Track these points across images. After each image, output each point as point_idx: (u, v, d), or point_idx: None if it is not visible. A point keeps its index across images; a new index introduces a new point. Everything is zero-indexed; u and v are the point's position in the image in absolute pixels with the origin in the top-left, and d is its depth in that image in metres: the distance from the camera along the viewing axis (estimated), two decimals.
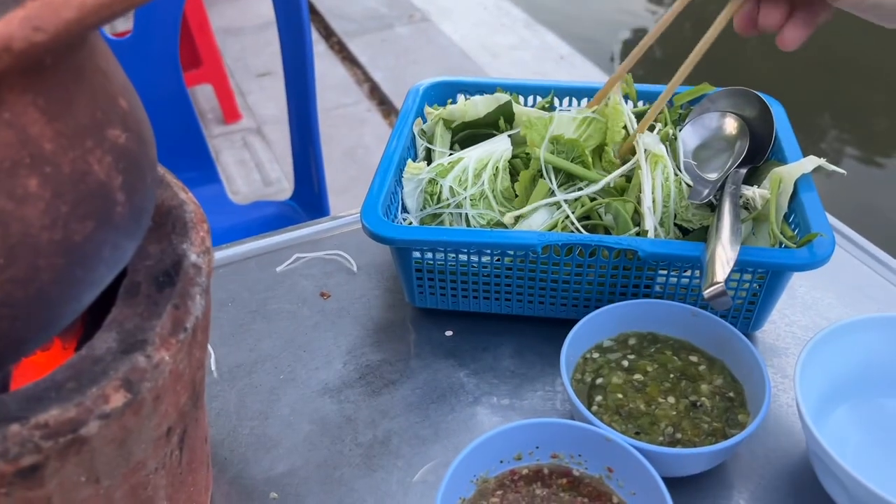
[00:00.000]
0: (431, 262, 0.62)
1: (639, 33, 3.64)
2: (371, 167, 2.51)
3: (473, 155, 0.68)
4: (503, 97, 0.73)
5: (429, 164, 0.68)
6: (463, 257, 0.61)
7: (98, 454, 0.35)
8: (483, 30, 3.28)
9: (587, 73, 2.93)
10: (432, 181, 0.66)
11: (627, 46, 3.49)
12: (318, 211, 1.34)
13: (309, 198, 1.36)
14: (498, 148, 0.68)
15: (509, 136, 0.70)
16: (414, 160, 0.71)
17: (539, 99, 0.77)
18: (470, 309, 0.66)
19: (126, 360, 0.36)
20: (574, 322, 0.57)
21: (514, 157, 0.69)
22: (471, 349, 0.64)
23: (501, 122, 0.72)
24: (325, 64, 3.01)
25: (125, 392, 0.35)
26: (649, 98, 0.74)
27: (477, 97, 0.74)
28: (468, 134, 0.73)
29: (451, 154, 0.70)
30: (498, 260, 0.60)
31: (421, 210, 0.66)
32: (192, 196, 0.45)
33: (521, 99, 0.76)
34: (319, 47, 3.14)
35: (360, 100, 2.79)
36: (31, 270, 0.30)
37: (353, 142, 2.54)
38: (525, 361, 0.63)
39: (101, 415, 0.34)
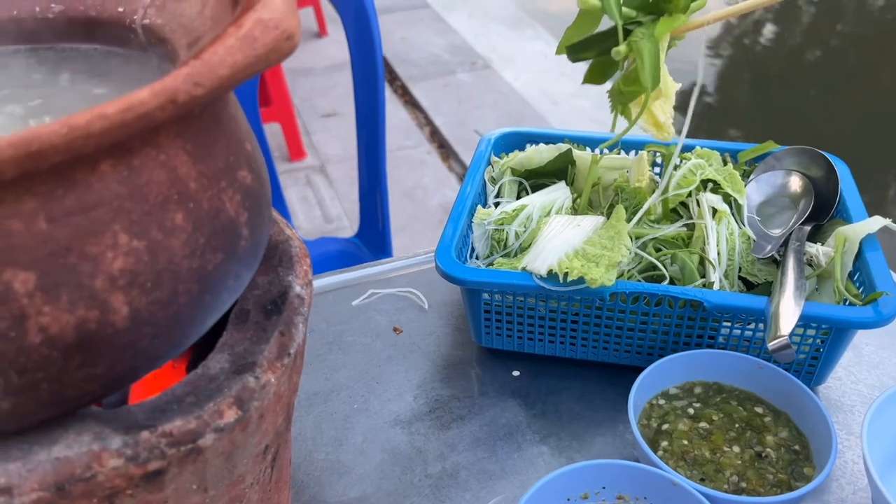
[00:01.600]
0: (500, 305, 0.65)
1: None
2: (429, 208, 2.57)
3: (537, 202, 0.71)
4: (564, 146, 0.76)
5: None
6: (531, 301, 0.64)
7: (209, 465, 0.38)
8: (543, 78, 3.34)
9: None
10: (499, 227, 0.69)
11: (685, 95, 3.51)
12: (382, 249, 1.39)
13: (373, 236, 1.41)
14: (559, 196, 0.72)
15: (569, 184, 0.74)
16: (484, 206, 0.74)
17: (605, 151, 0.80)
18: (535, 351, 0.68)
19: (238, 379, 0.39)
20: (639, 369, 0.59)
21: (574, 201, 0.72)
22: (536, 390, 0.66)
23: (570, 171, 0.75)
24: (388, 107, 3.10)
25: (237, 409, 0.39)
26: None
27: (542, 146, 0.78)
28: (533, 182, 0.76)
29: (517, 200, 0.73)
30: (565, 305, 0.63)
31: (488, 255, 0.69)
32: (295, 232, 0.49)
33: (588, 150, 0.79)
34: None
35: (420, 142, 2.86)
36: (172, 294, 0.34)
37: (412, 182, 2.60)
38: (590, 405, 0.65)
39: (216, 428, 0.38)
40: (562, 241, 0.62)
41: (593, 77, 0.69)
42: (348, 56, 1.33)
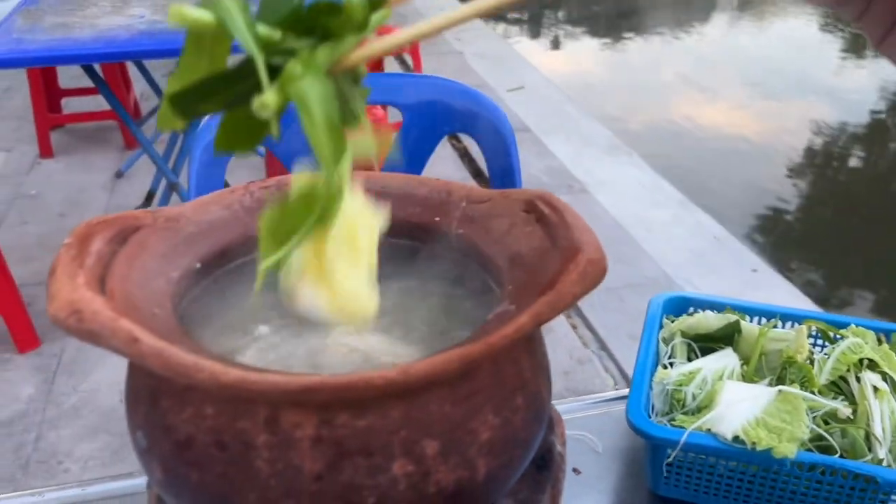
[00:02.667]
0: (682, 460, 0.73)
1: (781, 213, 3.72)
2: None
3: (710, 366, 0.80)
4: (732, 317, 0.86)
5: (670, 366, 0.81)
6: (711, 459, 0.72)
7: None
8: (638, 204, 3.47)
9: (742, 257, 3.01)
10: (678, 388, 0.79)
11: (773, 225, 3.57)
12: None
13: None
14: (729, 362, 0.81)
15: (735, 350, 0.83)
16: (655, 364, 0.84)
17: (763, 321, 0.89)
18: None
19: None
20: None
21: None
22: None
23: (735, 338, 0.84)
24: None
25: None
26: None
27: (709, 313, 0.88)
28: (701, 346, 0.86)
29: (689, 362, 0.83)
30: (744, 466, 0.71)
31: (667, 412, 0.79)
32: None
33: (747, 318, 0.89)
34: None
35: None
36: (510, 459, 0.45)
37: None
38: None
39: None
40: (742, 408, 0.71)
41: (230, 143, 0.40)
42: None
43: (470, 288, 0.54)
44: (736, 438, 0.69)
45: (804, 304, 2.61)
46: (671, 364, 0.84)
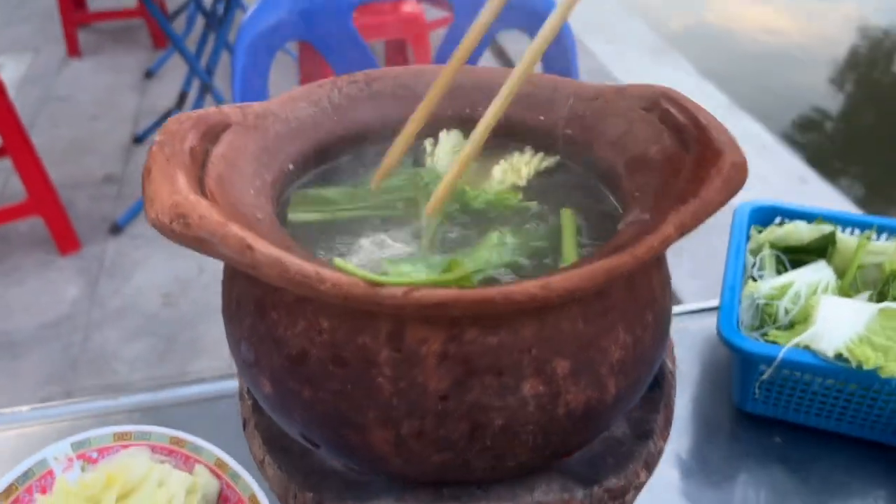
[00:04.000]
0: (774, 377, 0.70)
1: (826, 118, 3.59)
2: None
3: (803, 280, 0.76)
4: (826, 227, 0.81)
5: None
6: (807, 376, 0.69)
7: None
8: None
9: (790, 166, 2.91)
10: (769, 302, 0.75)
11: (818, 130, 3.45)
12: None
13: None
14: (824, 276, 0.77)
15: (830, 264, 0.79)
16: (743, 276, 0.80)
17: (858, 232, 0.84)
18: (800, 421, 0.73)
19: (643, 445, 0.47)
20: None
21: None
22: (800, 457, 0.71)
23: (829, 250, 0.80)
24: None
25: (646, 471, 0.46)
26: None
27: (800, 223, 0.83)
28: (792, 258, 0.81)
29: (780, 276, 0.79)
30: (842, 384, 0.68)
31: (758, 326, 0.75)
32: None
33: (839, 228, 0.84)
34: None
35: None
36: (639, 377, 0.42)
37: None
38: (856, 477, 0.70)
39: (636, 486, 0.45)
40: (843, 325, 0.67)
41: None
42: None
43: (582, 194, 0.49)
44: (839, 356, 0.65)
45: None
46: (760, 277, 0.80)
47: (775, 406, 0.73)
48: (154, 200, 0.37)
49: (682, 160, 0.43)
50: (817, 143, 3.47)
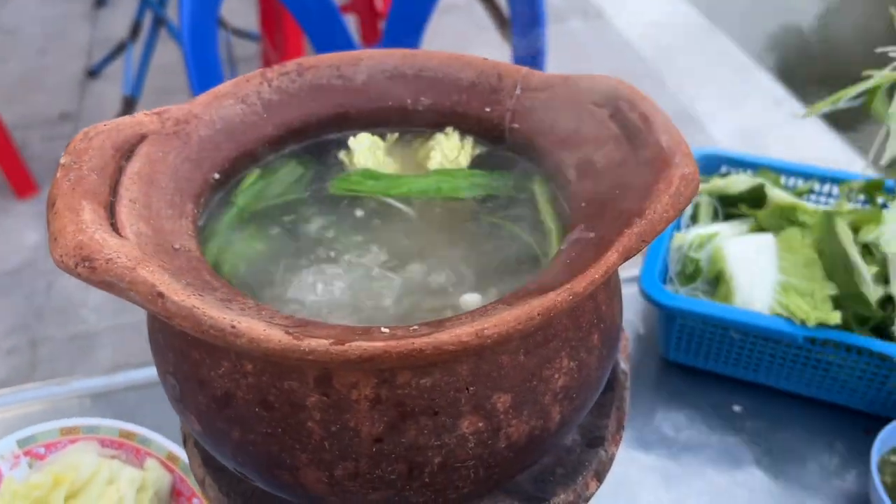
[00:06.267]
0: (693, 327, 0.71)
1: (796, 31, 3.53)
2: None
3: (727, 231, 0.76)
4: (759, 180, 0.80)
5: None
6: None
7: None
8: (659, 31, 3.26)
9: (765, 88, 2.87)
10: (692, 255, 0.74)
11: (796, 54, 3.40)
12: None
13: None
14: (745, 228, 0.77)
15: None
16: (678, 229, 0.79)
17: (800, 182, 0.83)
18: (726, 373, 0.75)
19: (593, 453, 0.46)
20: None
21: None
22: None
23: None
24: (492, 53, 3.08)
25: (596, 481, 0.45)
26: None
27: (741, 175, 0.82)
28: (729, 210, 0.81)
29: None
30: (765, 340, 0.69)
31: (690, 276, 0.74)
32: None
33: (784, 179, 0.83)
34: (492, 35, 3.21)
35: None
36: (585, 400, 0.41)
37: None
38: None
39: (585, 498, 0.45)
40: (759, 276, 0.68)
41: None
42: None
43: (528, 199, 0.46)
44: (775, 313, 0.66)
45: (828, 138, 2.52)
46: (689, 227, 0.80)
47: (695, 356, 0.74)
48: (58, 239, 0.34)
49: (630, 167, 0.41)
50: (796, 63, 3.42)
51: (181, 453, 0.63)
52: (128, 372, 0.75)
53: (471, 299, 0.40)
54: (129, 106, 2.38)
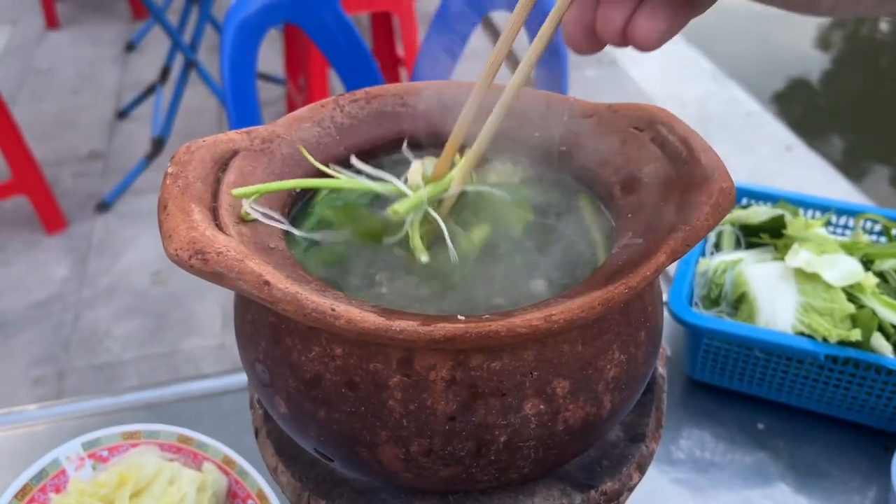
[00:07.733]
0: (719, 347, 0.75)
1: (805, 82, 3.61)
2: None
3: (751, 258, 0.80)
4: (779, 211, 0.85)
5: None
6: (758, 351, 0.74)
7: None
8: (671, 78, 3.34)
9: (774, 131, 2.94)
10: (717, 280, 0.78)
11: (808, 99, 3.48)
12: None
13: None
14: (768, 256, 0.81)
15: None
16: (703, 255, 0.84)
17: (818, 214, 0.88)
18: (751, 392, 0.78)
19: (635, 448, 0.50)
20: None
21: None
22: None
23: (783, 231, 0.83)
24: None
25: (639, 473, 0.49)
26: None
27: (761, 206, 0.86)
28: (750, 240, 0.85)
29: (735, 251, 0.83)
30: (788, 360, 0.73)
31: (715, 300, 0.79)
32: None
33: (801, 211, 0.87)
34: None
35: None
36: (632, 393, 0.45)
37: None
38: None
39: (630, 488, 0.48)
40: (780, 298, 0.72)
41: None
42: None
43: (576, 213, 0.51)
44: (798, 333, 0.70)
45: (838, 183, 2.57)
46: (713, 253, 0.84)
47: (721, 376, 0.77)
48: (172, 236, 0.39)
49: (672, 183, 0.45)
50: (803, 109, 3.50)
51: (236, 457, 0.67)
52: (180, 385, 0.79)
53: (536, 292, 0.45)
54: (157, 146, 2.46)
